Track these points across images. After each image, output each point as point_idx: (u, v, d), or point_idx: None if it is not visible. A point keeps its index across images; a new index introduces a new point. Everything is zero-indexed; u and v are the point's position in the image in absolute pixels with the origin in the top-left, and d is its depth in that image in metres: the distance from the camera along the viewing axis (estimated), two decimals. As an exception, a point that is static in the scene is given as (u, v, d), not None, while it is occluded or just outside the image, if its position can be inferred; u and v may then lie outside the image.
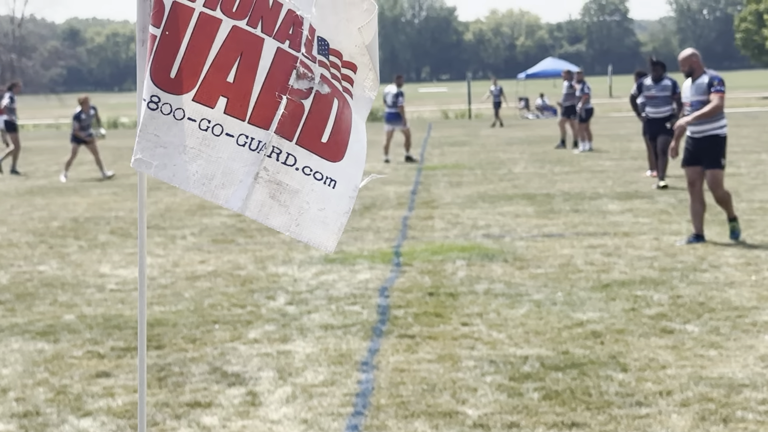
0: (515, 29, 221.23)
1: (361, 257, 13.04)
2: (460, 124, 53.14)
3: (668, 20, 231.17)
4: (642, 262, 12.14)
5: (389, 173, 24.99)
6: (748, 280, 10.94)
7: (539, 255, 12.82)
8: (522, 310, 9.89)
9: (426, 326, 9.36)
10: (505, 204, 18.05)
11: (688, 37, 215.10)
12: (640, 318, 9.42)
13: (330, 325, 9.51)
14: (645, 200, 17.84)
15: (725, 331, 8.87)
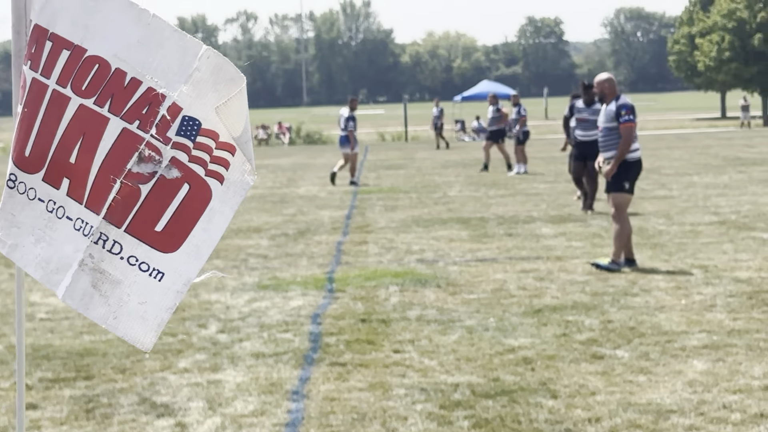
0: (452, 51, 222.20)
1: (294, 283, 13.00)
2: (397, 147, 53.26)
3: (603, 42, 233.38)
4: (574, 286, 12.21)
5: (325, 196, 24.98)
6: (678, 304, 11.04)
7: (472, 280, 12.85)
8: (454, 337, 9.90)
9: (358, 354, 9.35)
10: (439, 228, 18.09)
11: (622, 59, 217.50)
12: (570, 343, 9.47)
13: (261, 354, 9.47)
14: (578, 224, 17.96)
15: (654, 356, 8.94)
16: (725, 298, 11.26)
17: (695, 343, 9.35)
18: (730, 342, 9.32)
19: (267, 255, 15.63)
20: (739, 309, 10.64)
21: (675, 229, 16.74)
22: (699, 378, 8.19)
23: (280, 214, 21.29)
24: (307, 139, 63.32)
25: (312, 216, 20.80)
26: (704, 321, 10.21)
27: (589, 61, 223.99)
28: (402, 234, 17.48)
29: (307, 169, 36.71)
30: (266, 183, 30.39)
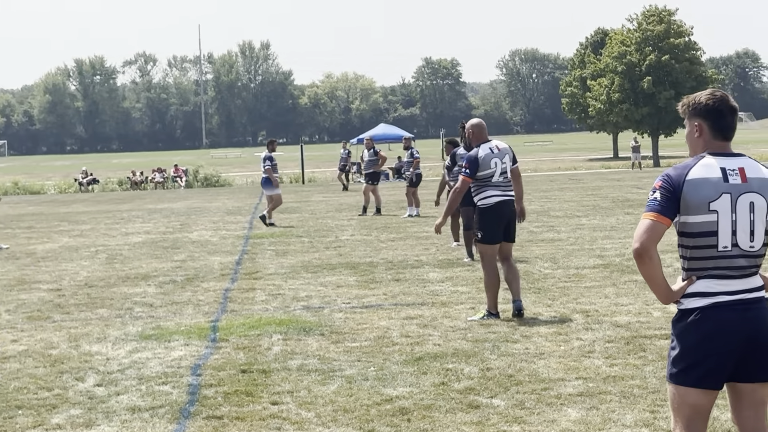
0: (350, 93, 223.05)
1: (178, 333, 12.88)
2: (293, 189, 53.20)
3: (499, 83, 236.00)
4: (456, 333, 12.26)
5: (217, 241, 24.84)
6: (557, 350, 11.14)
7: (356, 327, 12.85)
8: (333, 387, 9.88)
9: (235, 406, 9.28)
10: (328, 274, 18.08)
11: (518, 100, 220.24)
12: (449, 392, 9.50)
13: (137, 408, 9.35)
14: (465, 268, 18.06)
15: (530, 404, 9.00)
16: (603, 343, 11.39)
17: (571, 390, 9.43)
18: (605, 389, 9.42)
19: (153, 303, 15.48)
20: (616, 355, 10.77)
21: (560, 273, 16.92)
22: (571, 427, 8.26)
23: (170, 260, 21.12)
24: (205, 182, 62.98)
25: (202, 262, 20.66)
26: (581, 367, 10.31)
27: (486, 102, 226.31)
28: (290, 280, 17.43)
29: (201, 213, 36.48)
30: (159, 228, 30.14)
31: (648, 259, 5.52)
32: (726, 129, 5.69)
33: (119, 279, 18.42)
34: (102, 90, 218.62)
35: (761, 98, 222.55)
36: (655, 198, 5.56)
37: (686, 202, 5.53)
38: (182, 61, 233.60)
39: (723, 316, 5.51)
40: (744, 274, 5.59)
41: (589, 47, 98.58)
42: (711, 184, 5.54)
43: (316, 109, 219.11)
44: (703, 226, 5.54)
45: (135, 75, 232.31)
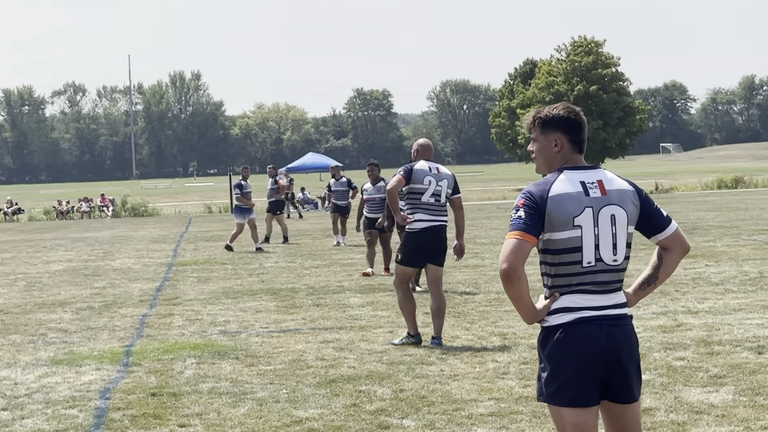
0: (282, 123, 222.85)
1: (90, 358, 12.67)
2: (221, 219, 52.86)
3: (430, 115, 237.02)
4: (372, 356, 12.17)
5: (139, 269, 24.57)
6: (472, 371, 11.08)
7: (272, 351, 12.71)
8: (243, 409, 9.73)
9: (142, 429, 9.11)
10: (248, 299, 17.93)
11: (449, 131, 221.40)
12: (360, 414, 9.39)
13: (41, 431, 9.15)
14: (387, 293, 17.97)
15: (440, 425, 8.92)
16: (519, 365, 11.34)
17: (482, 410, 9.37)
18: (517, 409, 9.36)
19: (68, 329, 15.24)
20: (530, 376, 10.71)
21: (480, 298, 16.90)
22: (480, 445, 8.18)
23: (89, 287, 20.85)
24: (132, 212, 62.49)
25: (122, 289, 20.42)
26: (495, 388, 10.25)
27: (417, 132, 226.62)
28: (210, 306, 17.25)
29: (126, 241, 36.12)
30: (81, 256, 29.78)
31: (516, 279, 5.31)
32: (582, 142, 5.59)
33: (36, 306, 18.13)
34: (30, 120, 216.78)
35: (689, 130, 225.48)
36: (520, 216, 5.38)
37: (551, 219, 5.38)
38: (112, 91, 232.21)
39: (588, 331, 5.38)
40: (607, 289, 5.46)
41: (518, 78, 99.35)
42: (573, 198, 5.41)
43: (248, 140, 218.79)
44: (568, 242, 5.40)
45: (64, 105, 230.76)
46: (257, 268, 23.93)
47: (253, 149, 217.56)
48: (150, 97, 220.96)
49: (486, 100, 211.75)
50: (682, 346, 12.07)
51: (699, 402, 9.39)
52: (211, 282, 21.09)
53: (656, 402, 9.43)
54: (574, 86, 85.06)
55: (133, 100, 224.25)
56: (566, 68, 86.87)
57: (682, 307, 15.20)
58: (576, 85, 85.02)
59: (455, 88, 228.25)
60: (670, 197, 56.88)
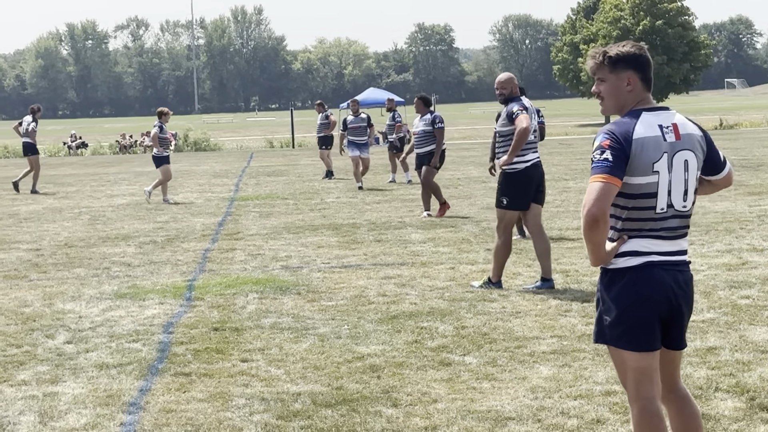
0: (343, 58, 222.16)
1: (153, 292, 12.75)
2: (283, 154, 52.97)
3: (492, 50, 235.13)
4: (434, 292, 12.14)
5: (202, 203, 24.68)
6: (534, 309, 11.02)
7: (333, 287, 12.72)
8: (305, 345, 9.75)
9: (204, 363, 9.16)
10: (310, 234, 17.95)
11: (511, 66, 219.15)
12: (421, 350, 9.38)
13: (105, 364, 9.23)
14: (448, 229, 17.93)
15: (502, 362, 8.88)
16: (581, 303, 11.27)
17: (544, 348, 9.32)
18: (579, 347, 9.31)
19: (131, 263, 15.34)
20: (593, 314, 10.59)
21: (543, 235, 16.78)
22: (542, 384, 8.15)
23: (152, 222, 20.97)
24: (194, 146, 62.70)
25: (185, 223, 20.52)
26: (557, 326, 10.19)
27: (479, 68, 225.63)
28: (271, 241, 17.29)
29: (188, 176, 36.28)
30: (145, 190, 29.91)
31: (603, 224, 5.19)
32: (651, 80, 5.43)
33: (99, 239, 18.27)
34: (94, 55, 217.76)
35: (754, 65, 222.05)
36: (607, 158, 5.20)
37: (632, 163, 5.24)
38: (174, 25, 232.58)
39: (656, 276, 5.30)
40: (675, 235, 5.38)
41: (581, 12, 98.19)
42: (654, 143, 5.28)
43: (309, 75, 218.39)
44: (645, 187, 5.28)
45: (127, 40, 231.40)
46: (318, 203, 23.95)
47: (314, 84, 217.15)
48: (212, 32, 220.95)
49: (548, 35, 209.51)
50: (747, 285, 11.92)
51: (764, 341, 9.28)
52: (273, 217, 21.14)
53: (721, 341, 9.33)
54: (639, 21, 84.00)
55: (195, 35, 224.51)
56: (632, 3, 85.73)
57: (747, 244, 15.02)
58: (642, 19, 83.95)
59: (517, 23, 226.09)
60: (735, 133, 56.15)
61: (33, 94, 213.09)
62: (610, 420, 7.19)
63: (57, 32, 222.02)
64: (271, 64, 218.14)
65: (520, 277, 13.06)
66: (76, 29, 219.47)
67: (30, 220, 22.12)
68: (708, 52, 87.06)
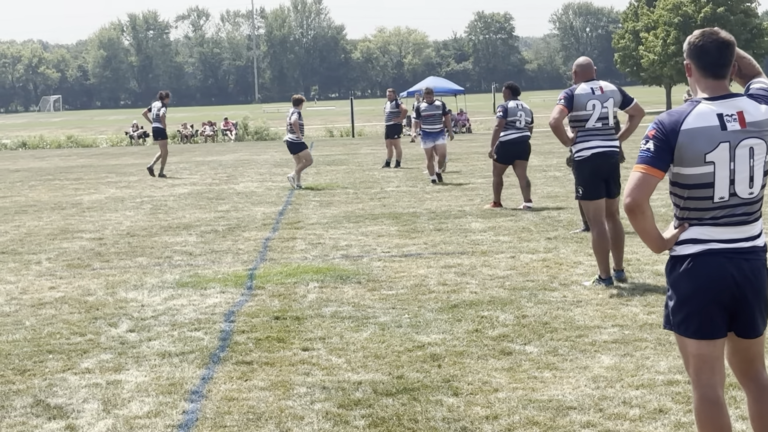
0: (402, 47, 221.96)
1: (215, 281, 12.83)
2: (343, 143, 53.04)
3: (552, 38, 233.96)
4: (494, 281, 12.11)
5: (262, 193, 24.78)
6: (595, 298, 10.97)
7: (394, 276, 12.73)
8: (366, 334, 9.77)
9: (266, 352, 9.20)
10: (370, 224, 17.97)
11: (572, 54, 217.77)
12: (482, 339, 9.37)
13: (168, 353, 9.30)
14: (508, 218, 17.88)
15: (563, 351, 8.85)
16: (642, 292, 11.20)
17: (606, 337, 9.28)
18: (641, 336, 9.26)
19: (192, 252, 15.44)
20: (655, 303, 10.57)
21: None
22: (604, 373, 8.11)
23: (213, 211, 21.09)
24: (255, 136, 62.92)
25: (245, 212, 20.62)
26: (618, 315, 10.14)
27: (539, 56, 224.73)
28: (332, 230, 17.33)
29: (248, 165, 36.44)
30: (205, 179, 30.13)
31: (640, 214, 5.27)
32: (713, 66, 5.35)
33: (161, 228, 18.41)
34: (155, 45, 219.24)
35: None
36: (648, 149, 5.25)
37: (681, 154, 5.24)
38: (235, 15, 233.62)
39: (716, 263, 5.28)
40: (742, 221, 5.34)
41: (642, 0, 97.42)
42: (707, 134, 5.23)
43: (369, 64, 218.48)
44: (699, 178, 5.27)
45: (188, 30, 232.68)
46: (378, 192, 23.97)
47: (374, 73, 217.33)
48: (272, 21, 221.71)
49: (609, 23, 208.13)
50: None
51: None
52: (333, 206, 21.19)
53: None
54: (701, 8, 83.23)
55: (255, 25, 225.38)
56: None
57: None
58: (703, 6, 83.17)
59: (578, 11, 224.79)
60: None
61: (95, 84, 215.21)
62: (673, 410, 7.14)
63: (119, 23, 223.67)
64: (330, 54, 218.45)
65: (581, 266, 12.99)
66: (138, 19, 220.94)
67: (93, 209, 22.33)
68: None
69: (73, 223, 19.70)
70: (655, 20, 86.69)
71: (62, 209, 22.54)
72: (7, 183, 31.33)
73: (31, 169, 38.73)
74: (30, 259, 15.27)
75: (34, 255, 15.69)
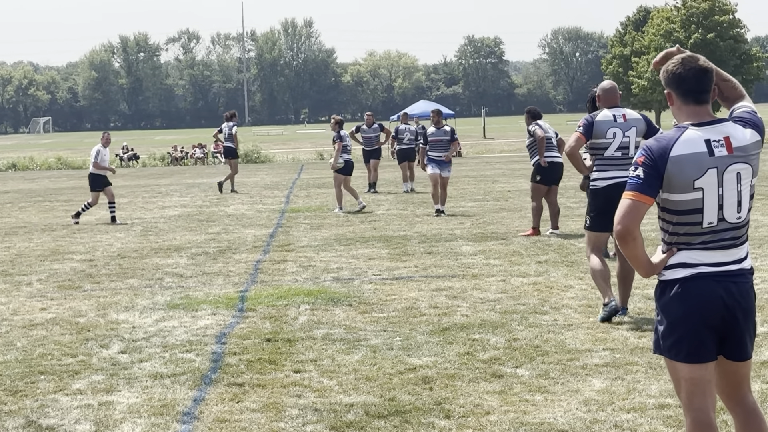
0: (393, 71, 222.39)
1: (206, 303, 12.84)
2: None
3: (542, 62, 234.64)
4: (485, 304, 12.14)
5: (253, 215, 24.79)
6: (586, 322, 11.00)
7: (385, 298, 12.75)
8: (357, 356, 9.79)
9: (257, 374, 9.21)
10: (360, 246, 17.99)
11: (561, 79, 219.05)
12: (473, 362, 9.39)
13: (159, 374, 9.31)
14: (499, 242, 17.92)
15: (555, 374, 8.88)
16: (633, 315, 11.24)
17: (597, 361, 9.30)
18: (632, 360, 9.29)
19: (183, 274, 15.45)
20: (646, 327, 10.60)
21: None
22: (595, 396, 8.14)
23: (204, 233, 21.10)
24: (245, 158, 62.94)
25: (236, 234, 20.63)
26: (609, 339, 10.17)
27: (529, 80, 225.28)
28: (323, 252, 17.35)
29: (239, 187, 36.41)
30: (196, 202, 30.15)
31: (632, 241, 5.30)
32: (694, 93, 5.37)
33: (152, 250, 18.42)
34: (145, 67, 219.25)
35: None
36: (638, 175, 5.28)
37: (669, 180, 5.26)
38: (225, 38, 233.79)
39: (705, 287, 5.31)
40: (730, 245, 5.37)
41: (630, 25, 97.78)
42: (695, 160, 5.25)
43: (359, 87, 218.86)
44: (687, 204, 5.30)
45: (178, 52, 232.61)
46: (369, 215, 24.00)
47: (364, 97, 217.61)
48: (263, 44, 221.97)
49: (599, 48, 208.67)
50: (802, 299, 11.83)
51: (819, 356, 9.21)
52: (324, 229, 21.21)
53: (775, 355, 9.27)
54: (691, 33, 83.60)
55: (246, 47, 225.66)
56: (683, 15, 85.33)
57: (802, 259, 14.90)
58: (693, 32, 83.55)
59: (567, 36, 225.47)
60: (788, 147, 55.75)
61: (85, 106, 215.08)
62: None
63: (110, 45, 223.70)
64: (321, 77, 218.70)
65: (571, 289, 13.03)
66: (129, 41, 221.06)
67: (83, 231, 22.33)
68: (760, 65, 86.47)
69: (64, 245, 19.70)
70: (646, 45, 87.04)
71: (53, 230, 22.54)
72: (-3, 204, 31.29)
73: (21, 190, 38.73)
74: (21, 280, 15.27)
75: (25, 276, 15.69)
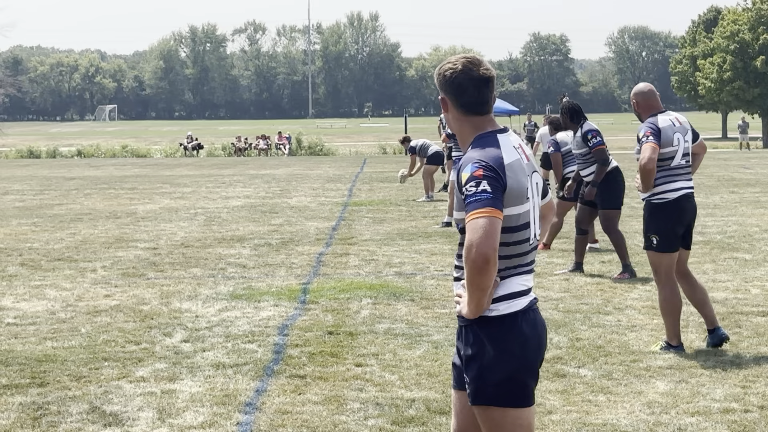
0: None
1: (268, 294, 12.88)
2: (396, 160, 53.05)
3: (608, 61, 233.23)
4: (548, 303, 12.08)
5: (315, 207, 24.85)
6: (650, 323, 10.92)
7: (447, 294, 12.72)
8: (419, 351, 9.78)
9: (319, 366, 9.23)
10: (423, 241, 17.97)
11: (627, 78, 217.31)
12: (535, 361, 9.33)
13: (222, 364, 9.35)
14: (563, 240, 17.79)
15: (618, 375, 8.81)
16: (698, 318, 11.10)
17: (661, 363, 9.23)
18: (697, 363, 9.20)
19: (246, 265, 15.51)
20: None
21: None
22: (659, 399, 8.07)
23: (267, 224, 21.17)
24: (308, 150, 63.16)
25: (298, 227, 20.68)
26: (674, 341, 10.07)
27: (594, 79, 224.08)
28: (385, 246, 17.35)
29: (302, 180, 36.56)
30: (259, 193, 30.26)
31: (494, 265, 4.47)
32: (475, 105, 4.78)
33: (215, 240, 18.51)
34: (212, 57, 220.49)
35: None
36: (485, 190, 4.49)
37: (510, 192, 4.58)
38: (291, 30, 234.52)
39: (534, 319, 4.76)
40: (532, 269, 4.81)
41: (701, 25, 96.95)
42: (521, 167, 4.67)
43: (423, 82, 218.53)
44: (523, 217, 4.65)
45: (244, 43, 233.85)
46: (431, 210, 23.97)
47: (428, 91, 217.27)
48: (328, 37, 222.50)
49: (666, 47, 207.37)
50: None
51: None
52: (386, 223, 21.21)
53: None
54: (759, 35, 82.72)
55: (311, 40, 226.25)
56: (752, 17, 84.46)
57: None
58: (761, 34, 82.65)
59: (634, 35, 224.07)
60: None
61: (151, 95, 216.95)
62: (729, 438, 7.09)
63: (180, 34, 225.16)
64: (385, 71, 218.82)
65: (635, 290, 12.92)
66: (198, 31, 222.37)
67: (147, 219, 22.49)
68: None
69: (128, 232, 19.85)
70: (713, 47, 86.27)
71: (117, 218, 22.73)
72: (63, 191, 31.64)
73: (86, 177, 39.09)
74: (85, 267, 15.40)
75: (90, 263, 15.83)
